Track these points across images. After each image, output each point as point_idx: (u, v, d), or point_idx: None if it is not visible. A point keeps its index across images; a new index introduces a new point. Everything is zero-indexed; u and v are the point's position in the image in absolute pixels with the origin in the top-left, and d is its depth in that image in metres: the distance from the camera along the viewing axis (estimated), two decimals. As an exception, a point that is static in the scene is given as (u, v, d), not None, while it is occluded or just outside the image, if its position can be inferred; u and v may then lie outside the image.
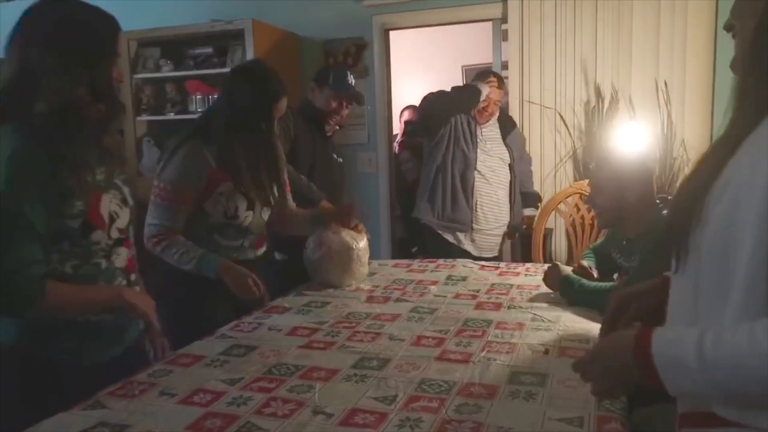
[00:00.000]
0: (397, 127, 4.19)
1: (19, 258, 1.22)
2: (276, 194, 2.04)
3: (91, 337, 1.37)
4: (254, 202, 1.94)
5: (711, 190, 0.81)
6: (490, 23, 3.75)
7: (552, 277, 1.95)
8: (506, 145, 3.05)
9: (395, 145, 4.10)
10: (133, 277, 1.48)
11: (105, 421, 1.15)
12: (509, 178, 3.03)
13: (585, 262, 2.02)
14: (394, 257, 3.63)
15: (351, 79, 2.66)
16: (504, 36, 3.68)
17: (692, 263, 0.85)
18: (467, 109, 2.96)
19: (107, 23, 1.37)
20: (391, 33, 3.91)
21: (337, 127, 2.75)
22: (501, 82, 3.09)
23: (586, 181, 3.06)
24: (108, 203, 1.38)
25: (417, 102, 4.29)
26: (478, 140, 2.97)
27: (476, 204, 2.94)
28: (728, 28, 0.94)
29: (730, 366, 0.73)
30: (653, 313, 1.04)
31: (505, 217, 3.02)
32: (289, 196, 2.16)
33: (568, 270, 1.94)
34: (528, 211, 3.19)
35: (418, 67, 5.69)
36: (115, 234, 1.40)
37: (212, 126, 1.90)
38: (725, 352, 0.73)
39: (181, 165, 1.84)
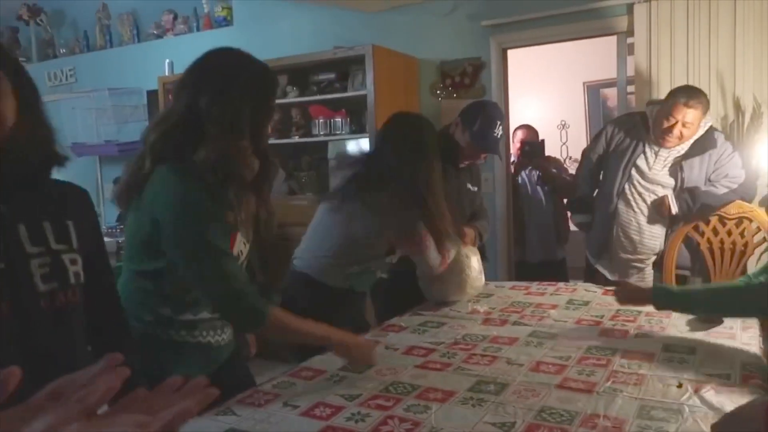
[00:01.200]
0: (512, 146, 4.11)
1: (245, 276, 1.36)
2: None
3: (184, 356, 1.43)
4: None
5: None
6: (614, 37, 3.60)
7: (627, 290, 1.86)
8: None
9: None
10: None
11: (235, 427, 1.22)
12: None
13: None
14: (511, 279, 3.54)
15: (498, 131, 2.44)
16: (630, 50, 3.51)
17: None
18: None
19: (271, 81, 1.43)
20: (509, 52, 3.86)
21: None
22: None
23: (742, 203, 2.82)
24: (238, 242, 1.43)
25: (531, 120, 4.21)
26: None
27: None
28: None
29: None
30: None
31: None
32: None
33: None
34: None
35: (536, 84, 5.59)
36: None
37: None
38: None
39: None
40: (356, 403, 1.32)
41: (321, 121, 3.95)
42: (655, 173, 2.71)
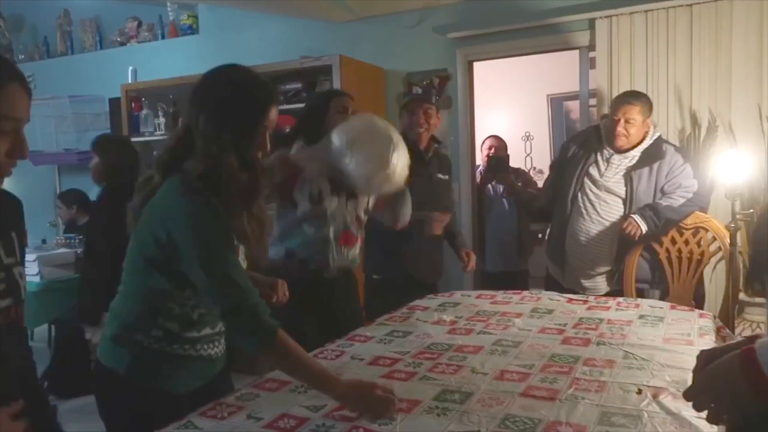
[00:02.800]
0: (479, 156, 4.17)
1: (257, 294, 1.35)
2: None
3: (185, 369, 1.44)
4: (338, 187, 2.06)
5: None
6: (577, 51, 3.69)
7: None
8: None
9: (477, 174, 4.08)
10: None
11: (195, 441, 1.20)
12: None
13: None
14: (476, 288, 3.57)
15: (416, 89, 2.82)
16: (592, 64, 3.60)
17: None
18: None
19: (265, 97, 1.42)
20: (475, 64, 3.92)
21: (436, 145, 2.83)
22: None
23: (699, 213, 2.90)
24: (240, 257, 1.45)
25: (498, 132, 4.28)
26: None
27: None
28: None
29: None
30: None
31: None
32: None
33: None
34: None
35: (502, 97, 5.67)
36: None
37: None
38: None
39: None
40: (321, 414, 1.31)
41: (288, 130, 3.94)
42: (606, 180, 2.77)
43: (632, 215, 2.72)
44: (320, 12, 4.00)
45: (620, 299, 2.34)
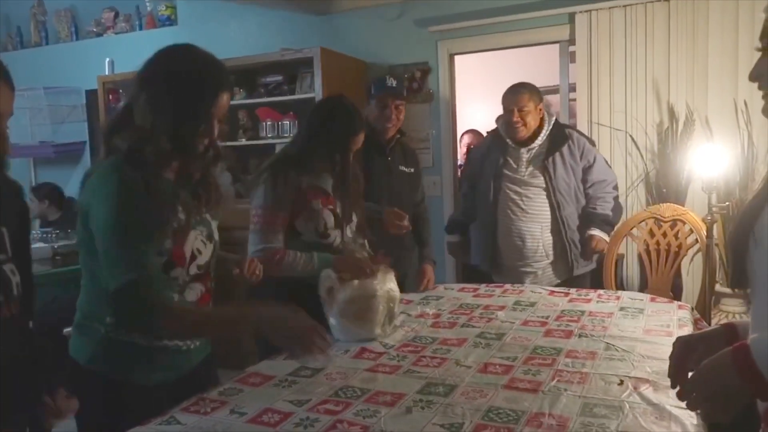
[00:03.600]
0: (459, 151, 4.18)
1: (144, 264, 1.28)
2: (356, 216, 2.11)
3: (149, 359, 1.40)
4: (340, 219, 2.02)
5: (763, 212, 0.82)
6: (557, 45, 3.71)
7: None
8: None
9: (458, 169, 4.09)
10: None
11: (179, 437, 1.19)
12: None
13: None
14: (459, 282, 3.59)
15: (390, 81, 2.71)
16: (572, 57, 3.63)
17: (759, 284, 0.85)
18: None
19: (215, 83, 1.37)
20: (456, 57, 3.92)
21: (399, 136, 2.75)
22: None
23: (676, 205, 2.96)
24: (193, 240, 1.41)
25: (480, 126, 4.29)
26: None
27: None
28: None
29: None
30: None
31: None
32: None
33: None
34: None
35: (483, 90, 5.68)
36: (194, 270, 1.43)
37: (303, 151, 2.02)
38: None
39: (268, 189, 1.95)
40: (305, 408, 1.31)
41: (269, 123, 3.91)
42: (522, 175, 2.73)
43: (593, 233, 2.69)
44: (300, 4, 3.97)
45: (601, 291, 2.37)
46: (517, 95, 2.74)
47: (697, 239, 2.86)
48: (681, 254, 2.91)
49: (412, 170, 2.80)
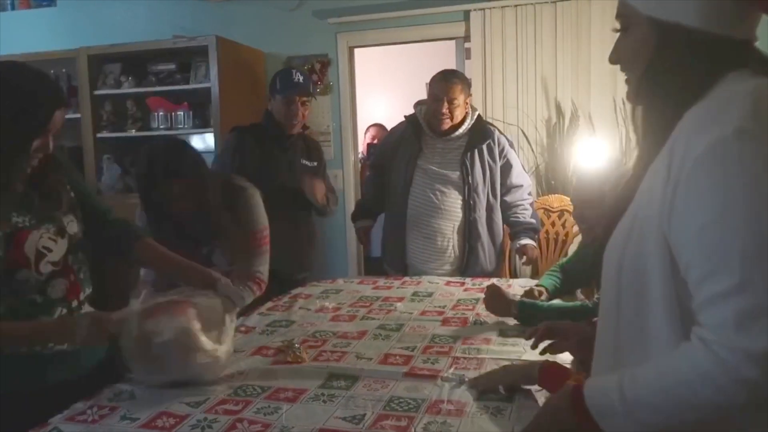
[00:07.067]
0: (361, 144, 4.20)
1: None
2: None
3: (32, 363, 1.33)
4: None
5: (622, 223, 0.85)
6: (453, 42, 3.81)
7: (495, 301, 1.90)
8: None
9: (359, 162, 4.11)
10: (75, 303, 1.44)
11: (62, 449, 1.11)
12: None
13: (540, 285, 2.02)
14: (360, 274, 3.62)
15: (297, 77, 2.63)
16: (467, 54, 3.74)
17: (611, 297, 0.87)
18: None
19: (50, 104, 1.32)
20: (356, 50, 3.93)
21: (302, 130, 2.71)
22: None
23: (564, 196, 3.12)
24: (36, 240, 1.35)
25: (382, 119, 4.33)
26: None
27: None
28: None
29: (647, 402, 0.75)
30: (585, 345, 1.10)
31: None
32: None
33: (508, 293, 1.93)
34: None
35: (383, 83, 5.74)
36: (47, 269, 1.36)
37: None
38: (642, 389, 0.76)
39: None
40: (202, 409, 1.27)
41: (161, 114, 3.73)
42: (438, 168, 2.61)
43: (525, 243, 2.63)
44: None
45: (494, 280, 2.46)
46: (450, 84, 2.55)
47: (581, 228, 3.05)
48: (568, 242, 3.10)
49: (315, 164, 2.74)
